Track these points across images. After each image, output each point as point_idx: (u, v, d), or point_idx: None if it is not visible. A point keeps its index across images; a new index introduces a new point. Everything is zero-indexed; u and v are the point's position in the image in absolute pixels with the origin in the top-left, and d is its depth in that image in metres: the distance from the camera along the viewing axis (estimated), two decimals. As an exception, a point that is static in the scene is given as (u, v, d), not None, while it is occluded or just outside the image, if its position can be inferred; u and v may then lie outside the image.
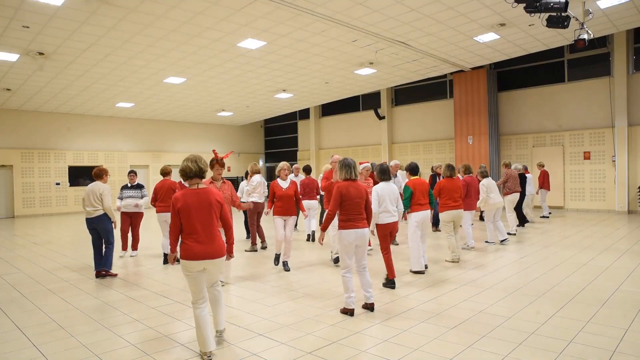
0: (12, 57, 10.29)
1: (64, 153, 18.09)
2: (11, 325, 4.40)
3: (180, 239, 3.60)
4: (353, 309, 4.52)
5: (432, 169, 10.81)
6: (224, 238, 3.79)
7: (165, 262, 7.34)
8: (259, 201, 8.29)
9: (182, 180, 7.81)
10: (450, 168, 7.11)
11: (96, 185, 6.44)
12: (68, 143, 18.23)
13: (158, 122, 20.86)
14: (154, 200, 7.49)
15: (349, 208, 4.54)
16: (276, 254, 6.88)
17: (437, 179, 9.92)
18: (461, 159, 15.54)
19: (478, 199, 8.23)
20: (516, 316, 4.31)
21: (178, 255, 3.61)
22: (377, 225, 5.49)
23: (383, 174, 5.49)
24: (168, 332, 4.13)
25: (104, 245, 6.51)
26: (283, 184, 6.67)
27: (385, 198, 5.40)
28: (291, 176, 9.92)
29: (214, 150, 5.34)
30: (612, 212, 13.44)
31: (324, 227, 4.70)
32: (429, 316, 4.38)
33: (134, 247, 8.12)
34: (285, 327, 4.19)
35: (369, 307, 4.62)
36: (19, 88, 13.47)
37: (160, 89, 14.37)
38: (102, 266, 6.45)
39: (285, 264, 6.68)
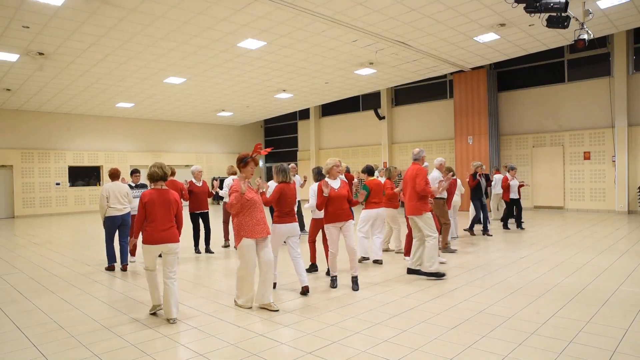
0: (12, 57, 10.30)
1: (64, 153, 18.09)
2: (11, 325, 4.40)
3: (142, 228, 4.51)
4: (275, 283, 5.49)
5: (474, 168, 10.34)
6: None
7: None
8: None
9: (189, 180, 8.12)
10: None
11: (121, 185, 6.98)
12: (68, 143, 18.23)
13: (158, 122, 20.85)
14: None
15: (283, 206, 5.27)
16: (332, 276, 5.64)
17: (478, 178, 9.73)
18: (461, 159, 15.55)
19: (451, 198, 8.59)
20: (516, 316, 4.31)
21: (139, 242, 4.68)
22: (313, 219, 6.25)
23: (318, 174, 6.10)
24: (168, 332, 4.12)
25: (119, 240, 7.04)
26: (334, 183, 5.55)
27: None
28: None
29: (257, 145, 4.77)
30: (612, 212, 13.44)
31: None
32: (429, 316, 4.38)
33: (133, 253, 7.60)
34: (285, 327, 4.19)
35: (305, 290, 5.25)
36: (19, 88, 13.47)
37: (160, 89, 14.38)
38: (126, 261, 6.97)
39: (355, 281, 5.50)
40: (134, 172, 7.96)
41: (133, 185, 7.86)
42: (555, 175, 14.56)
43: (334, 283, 5.61)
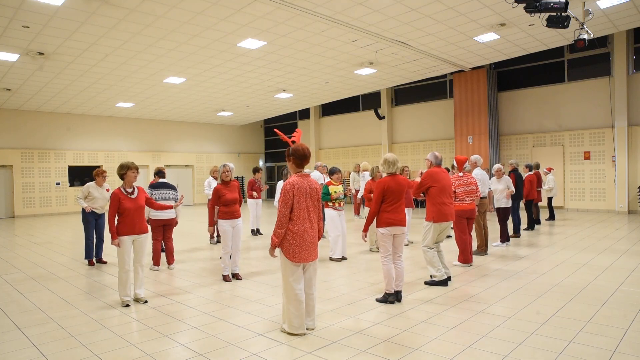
0: (12, 57, 10.29)
1: (64, 153, 18.09)
2: (11, 325, 4.41)
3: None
4: (228, 275, 6.08)
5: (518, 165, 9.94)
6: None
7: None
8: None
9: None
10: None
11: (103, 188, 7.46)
12: (68, 143, 18.24)
13: (158, 122, 20.85)
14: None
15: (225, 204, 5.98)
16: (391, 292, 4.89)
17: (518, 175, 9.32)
18: (461, 159, 15.54)
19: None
20: (516, 316, 4.31)
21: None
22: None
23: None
24: (168, 332, 4.13)
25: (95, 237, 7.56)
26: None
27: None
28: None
29: (298, 129, 4.47)
30: (612, 212, 13.44)
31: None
32: (429, 316, 4.38)
33: (156, 263, 6.92)
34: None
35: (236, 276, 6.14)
36: (19, 88, 13.47)
37: (160, 89, 14.38)
38: (101, 255, 7.63)
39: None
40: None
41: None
42: (555, 175, 14.55)
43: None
